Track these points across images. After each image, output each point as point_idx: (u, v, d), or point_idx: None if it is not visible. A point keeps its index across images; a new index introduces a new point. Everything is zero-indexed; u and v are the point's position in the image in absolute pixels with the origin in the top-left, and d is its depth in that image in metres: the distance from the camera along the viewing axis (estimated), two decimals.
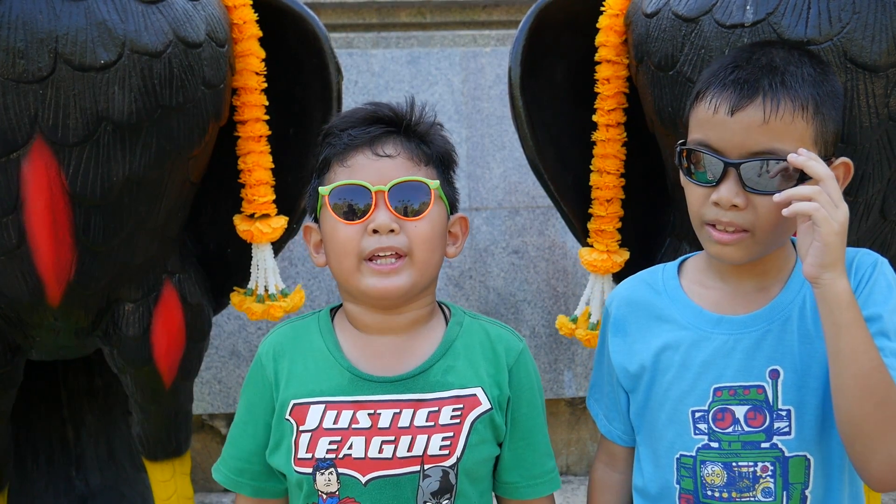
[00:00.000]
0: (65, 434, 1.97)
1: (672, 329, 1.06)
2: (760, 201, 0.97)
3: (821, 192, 0.92)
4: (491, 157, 2.49)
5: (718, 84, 0.98)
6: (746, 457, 1.01)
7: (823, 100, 0.98)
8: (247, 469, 1.10)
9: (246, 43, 1.48)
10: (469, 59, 2.54)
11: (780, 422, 1.00)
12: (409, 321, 1.07)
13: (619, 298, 1.13)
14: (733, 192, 0.97)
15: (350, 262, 1.03)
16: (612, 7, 1.47)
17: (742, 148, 0.97)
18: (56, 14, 1.22)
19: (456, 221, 1.11)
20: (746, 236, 0.99)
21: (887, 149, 1.26)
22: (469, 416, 1.04)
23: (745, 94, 0.96)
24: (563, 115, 1.60)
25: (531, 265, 2.43)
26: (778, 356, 1.01)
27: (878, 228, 1.34)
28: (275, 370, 1.08)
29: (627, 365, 1.09)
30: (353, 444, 1.02)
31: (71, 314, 1.46)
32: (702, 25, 1.26)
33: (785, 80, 0.97)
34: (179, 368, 1.57)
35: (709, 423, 1.02)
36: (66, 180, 1.30)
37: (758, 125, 0.95)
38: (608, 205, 1.55)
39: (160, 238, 1.48)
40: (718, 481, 1.02)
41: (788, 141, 0.96)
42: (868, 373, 0.92)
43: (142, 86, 1.28)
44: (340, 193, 1.03)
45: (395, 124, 1.06)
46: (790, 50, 1.02)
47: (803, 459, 1.01)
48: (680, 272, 1.11)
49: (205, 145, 1.45)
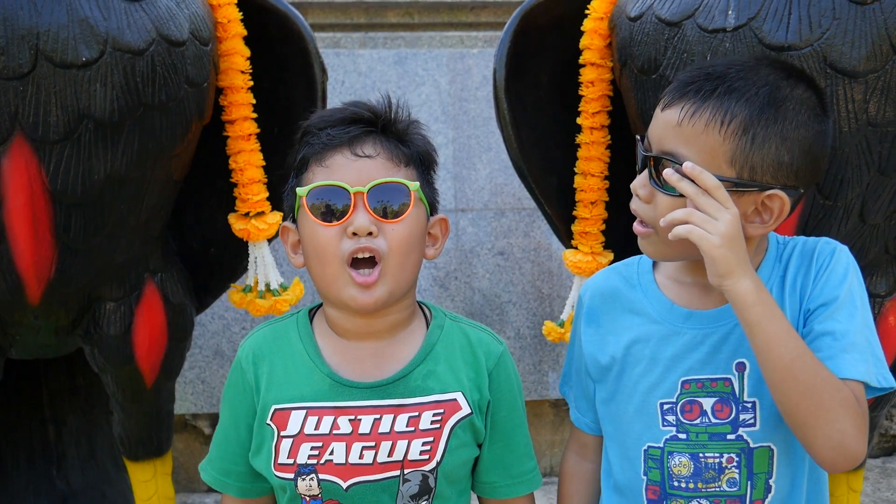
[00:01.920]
0: (46, 433, 1.96)
1: (643, 322, 1.08)
2: (660, 199, 0.99)
3: (691, 213, 0.94)
4: (477, 158, 2.50)
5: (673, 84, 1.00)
6: (713, 448, 1.03)
7: (760, 126, 0.96)
8: (233, 470, 1.10)
9: (230, 42, 1.48)
10: (456, 60, 2.54)
11: (745, 413, 1.02)
12: (390, 325, 1.07)
13: (594, 288, 1.14)
14: (642, 181, 1.00)
15: (332, 269, 1.02)
16: (597, 10, 1.47)
17: (658, 144, 0.99)
18: (37, 10, 1.21)
19: (436, 223, 1.10)
20: (652, 232, 1.01)
21: (866, 153, 1.27)
22: (449, 421, 1.04)
23: (679, 94, 0.98)
24: (547, 118, 1.61)
25: (516, 266, 2.44)
26: (744, 349, 1.02)
27: (857, 232, 1.36)
28: (255, 374, 1.07)
29: (599, 356, 1.11)
30: (335, 449, 1.02)
31: (51, 313, 1.45)
32: (684, 30, 1.27)
33: (718, 90, 0.96)
34: (161, 368, 1.57)
35: (677, 414, 1.04)
36: (47, 178, 1.29)
37: (672, 126, 0.97)
38: (592, 207, 1.56)
39: (142, 236, 1.47)
40: (685, 472, 1.04)
41: (696, 150, 0.96)
42: (788, 364, 0.93)
43: (124, 84, 1.28)
44: (318, 194, 1.02)
45: (375, 124, 1.04)
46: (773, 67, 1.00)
47: (767, 450, 1.03)
48: (655, 266, 1.12)
49: (188, 144, 1.44)
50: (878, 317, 1.42)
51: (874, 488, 2.34)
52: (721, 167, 0.96)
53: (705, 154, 0.96)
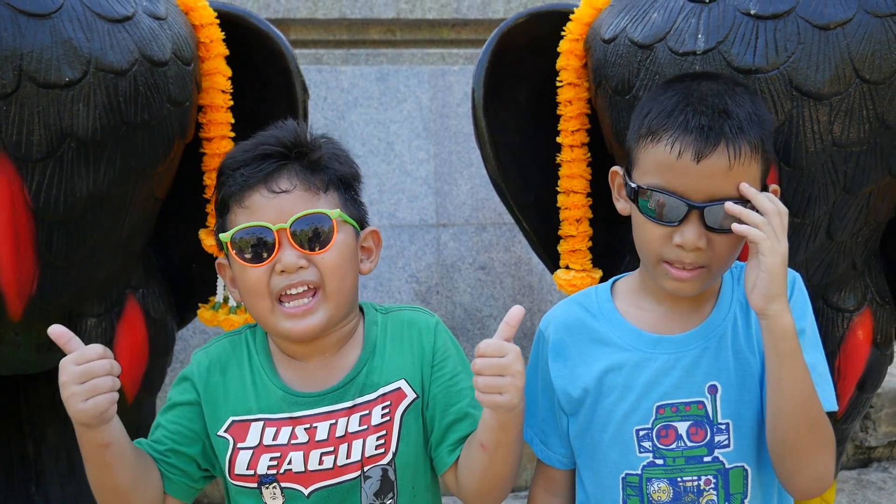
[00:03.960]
0: (24, 449, 1.95)
1: (613, 351, 1.09)
2: (718, 239, 1.02)
3: (767, 224, 0.97)
4: (458, 173, 2.53)
5: (680, 128, 1.01)
6: (690, 471, 1.04)
7: (766, 137, 1.04)
8: None
9: (213, 61, 1.49)
10: (437, 77, 2.57)
11: (720, 435, 1.04)
12: (335, 341, 1.09)
13: (556, 322, 1.14)
14: (697, 234, 1.00)
15: (264, 304, 1.04)
16: (573, 32, 1.51)
17: (706, 192, 1.00)
18: (21, 32, 1.23)
19: (367, 236, 1.11)
20: (703, 271, 1.03)
21: (832, 173, 1.31)
22: (398, 410, 1.06)
23: (710, 141, 0.99)
24: (525, 136, 1.64)
25: (497, 281, 2.47)
26: (715, 372, 1.05)
27: (824, 249, 1.39)
28: (211, 384, 1.09)
29: (570, 389, 1.11)
30: (293, 459, 1.04)
31: (32, 329, 1.46)
32: (656, 52, 1.31)
33: (742, 124, 1.01)
34: (142, 383, 1.57)
35: (653, 440, 1.05)
36: (29, 195, 1.30)
37: (723, 171, 1.00)
38: (578, 224, 1.56)
39: (124, 253, 1.49)
40: (665, 497, 1.05)
41: (745, 181, 1.01)
42: (805, 400, 0.98)
43: (106, 103, 1.29)
44: (242, 235, 1.03)
45: (287, 156, 1.05)
46: (729, 83, 1.06)
47: (741, 470, 1.05)
48: (613, 294, 1.13)
49: (170, 162, 1.46)
50: (846, 332, 1.46)
51: (850, 500, 2.37)
52: (757, 186, 1.02)
53: (751, 181, 1.01)
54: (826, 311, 1.45)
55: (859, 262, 1.45)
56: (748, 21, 1.25)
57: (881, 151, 1.31)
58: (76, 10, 1.27)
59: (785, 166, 1.30)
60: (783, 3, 1.25)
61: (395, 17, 2.74)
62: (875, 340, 1.47)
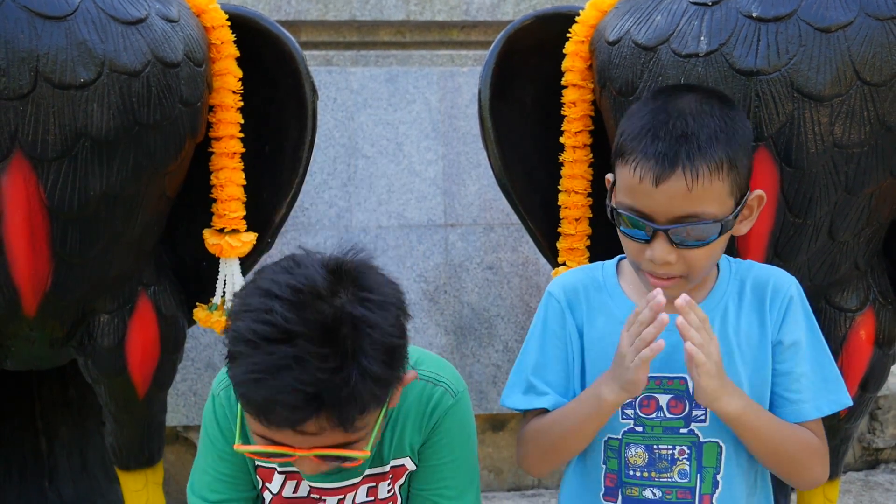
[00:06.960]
0: (38, 446, 1.98)
1: (608, 322, 1.14)
2: (690, 253, 1.06)
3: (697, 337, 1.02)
4: (466, 174, 2.54)
5: (641, 153, 1.05)
6: (666, 440, 1.11)
7: (735, 151, 1.06)
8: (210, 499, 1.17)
9: (223, 62, 1.52)
10: (446, 79, 2.59)
11: (697, 410, 1.10)
12: None
13: (566, 285, 1.19)
14: (665, 251, 1.05)
15: None
16: (578, 34, 1.52)
17: (668, 214, 1.05)
18: (37, 34, 1.26)
19: None
20: (680, 279, 1.08)
21: (833, 174, 1.32)
22: (398, 483, 1.12)
23: (666, 166, 1.03)
24: (531, 137, 1.65)
25: (505, 281, 2.48)
26: None
27: (826, 249, 1.40)
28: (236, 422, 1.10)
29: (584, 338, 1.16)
30: None
31: (46, 325, 1.49)
32: (659, 54, 1.32)
33: (700, 145, 1.04)
34: (153, 379, 1.60)
35: (635, 408, 1.12)
36: (45, 194, 1.33)
37: (682, 194, 1.03)
38: (577, 223, 1.59)
39: (136, 251, 1.51)
40: (640, 462, 1.11)
41: (708, 201, 1.04)
42: (777, 447, 1.07)
43: (120, 104, 1.32)
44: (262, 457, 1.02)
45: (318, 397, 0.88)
46: (701, 99, 1.09)
47: (716, 445, 1.11)
48: (618, 271, 1.19)
49: (181, 161, 1.48)
50: (849, 332, 1.47)
51: (857, 501, 2.37)
52: (726, 203, 1.05)
53: (715, 202, 1.04)
54: (828, 311, 1.47)
55: (862, 263, 1.45)
56: (750, 23, 1.27)
57: (882, 153, 1.32)
58: (91, 12, 1.30)
59: (787, 167, 1.31)
60: (785, 5, 1.26)
61: (405, 19, 2.75)
62: (878, 340, 1.48)
